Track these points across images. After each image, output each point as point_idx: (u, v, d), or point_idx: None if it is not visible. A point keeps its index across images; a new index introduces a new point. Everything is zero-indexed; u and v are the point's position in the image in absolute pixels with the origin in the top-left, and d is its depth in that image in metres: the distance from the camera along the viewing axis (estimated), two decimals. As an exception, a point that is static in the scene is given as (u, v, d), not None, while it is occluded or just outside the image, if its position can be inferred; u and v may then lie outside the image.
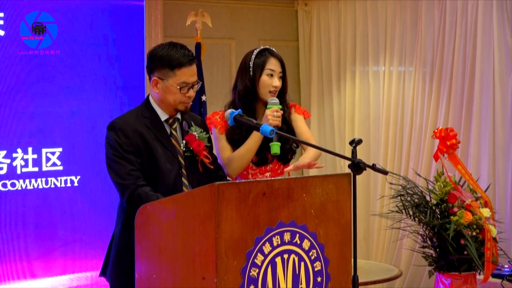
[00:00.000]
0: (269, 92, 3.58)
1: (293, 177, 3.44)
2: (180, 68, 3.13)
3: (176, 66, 3.12)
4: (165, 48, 3.16)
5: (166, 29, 5.72)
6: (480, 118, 5.15)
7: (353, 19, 6.20)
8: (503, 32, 5.04)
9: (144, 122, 3.17)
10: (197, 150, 3.23)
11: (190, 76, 3.16)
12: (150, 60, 3.20)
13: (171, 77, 3.13)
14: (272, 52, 3.63)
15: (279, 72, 3.61)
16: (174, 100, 3.17)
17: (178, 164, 3.19)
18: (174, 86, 3.14)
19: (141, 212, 2.69)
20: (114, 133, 3.11)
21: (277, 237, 2.55)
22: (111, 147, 3.11)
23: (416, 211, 4.22)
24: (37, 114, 4.95)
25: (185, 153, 3.22)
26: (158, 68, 3.16)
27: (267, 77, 3.59)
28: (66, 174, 5.04)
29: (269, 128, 3.06)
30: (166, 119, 3.22)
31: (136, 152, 3.10)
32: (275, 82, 3.58)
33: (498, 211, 4.83)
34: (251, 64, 3.60)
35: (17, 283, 4.88)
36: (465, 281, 4.12)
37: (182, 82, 3.14)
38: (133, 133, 3.11)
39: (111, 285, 3.22)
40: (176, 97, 3.16)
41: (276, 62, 3.61)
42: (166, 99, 3.18)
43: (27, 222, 4.93)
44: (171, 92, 3.15)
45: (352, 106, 6.25)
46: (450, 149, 4.18)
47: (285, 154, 3.61)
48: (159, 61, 3.14)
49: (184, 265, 2.50)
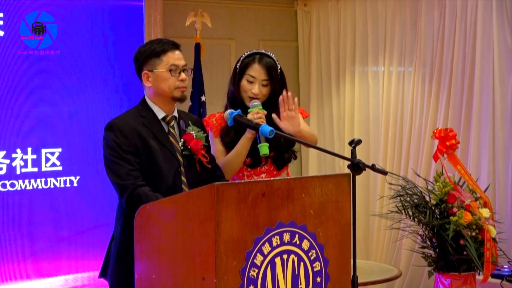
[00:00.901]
0: (248, 97, 3.50)
1: (293, 177, 3.44)
2: (165, 53, 3.18)
3: (160, 52, 3.18)
4: (145, 44, 3.26)
5: (166, 29, 5.72)
6: (480, 118, 5.15)
7: (352, 19, 6.20)
8: (502, 32, 5.04)
9: (141, 121, 3.17)
10: (194, 149, 3.22)
11: (177, 59, 3.20)
12: (135, 60, 3.25)
13: (158, 64, 3.18)
14: (260, 58, 3.52)
15: (262, 79, 3.50)
16: (169, 87, 3.18)
17: (177, 162, 3.19)
18: (165, 71, 3.17)
19: (140, 212, 2.69)
20: (112, 133, 3.11)
21: (277, 238, 2.55)
22: (110, 148, 3.11)
23: (415, 212, 4.22)
24: (37, 114, 4.94)
25: (183, 152, 3.22)
26: (144, 62, 3.20)
27: (246, 82, 3.51)
28: (66, 174, 5.04)
29: (269, 128, 3.06)
30: (164, 117, 3.22)
31: (135, 152, 3.10)
32: (254, 89, 3.48)
33: (498, 211, 4.83)
34: (237, 66, 3.58)
35: (17, 283, 4.87)
36: (464, 282, 4.12)
37: (171, 64, 3.18)
38: (131, 133, 3.11)
39: (112, 285, 3.22)
40: (170, 82, 3.18)
41: (260, 69, 3.49)
42: (160, 89, 3.19)
43: (26, 222, 4.92)
44: (163, 79, 3.18)
45: (351, 106, 6.25)
46: (449, 149, 4.18)
47: (280, 158, 3.58)
48: (143, 55, 3.21)
49: (184, 265, 2.51)
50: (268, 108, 3.49)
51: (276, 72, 3.53)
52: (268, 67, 3.51)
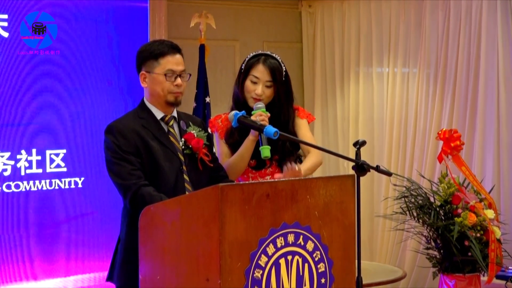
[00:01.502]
0: (251, 98, 3.51)
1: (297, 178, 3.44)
2: (164, 56, 3.18)
3: (159, 55, 3.18)
4: (146, 44, 3.27)
5: (170, 30, 5.72)
6: (484, 119, 5.14)
7: (357, 20, 6.20)
8: (507, 33, 5.04)
9: (140, 122, 3.18)
10: (196, 148, 3.22)
11: (175, 64, 3.19)
12: (136, 59, 3.26)
13: (156, 67, 3.18)
14: (264, 59, 3.53)
15: (266, 80, 3.50)
16: (162, 89, 3.18)
17: (178, 161, 3.19)
18: (160, 75, 3.16)
19: (144, 213, 2.69)
20: (111, 135, 3.12)
21: (281, 239, 2.55)
22: (110, 150, 3.11)
23: (420, 213, 4.21)
24: (42, 115, 4.95)
25: (184, 151, 3.22)
26: (143, 62, 3.21)
27: (250, 83, 3.52)
28: (70, 175, 5.05)
29: (273, 130, 3.06)
30: (162, 117, 3.23)
31: (135, 152, 3.10)
32: (257, 90, 3.49)
33: (503, 212, 4.82)
34: (242, 67, 3.58)
35: (21, 284, 4.88)
36: (469, 283, 4.11)
37: (168, 69, 3.17)
38: (131, 134, 3.12)
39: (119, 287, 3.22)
40: (164, 86, 3.18)
41: (264, 70, 3.50)
42: (154, 91, 3.20)
43: (30, 223, 4.93)
44: (158, 82, 3.18)
45: (356, 107, 6.25)
46: (454, 150, 4.18)
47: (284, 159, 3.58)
48: (143, 55, 3.21)
49: (188, 266, 2.50)
50: (271, 110, 3.49)
51: (280, 74, 3.53)
52: (272, 69, 3.51)
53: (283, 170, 3.39)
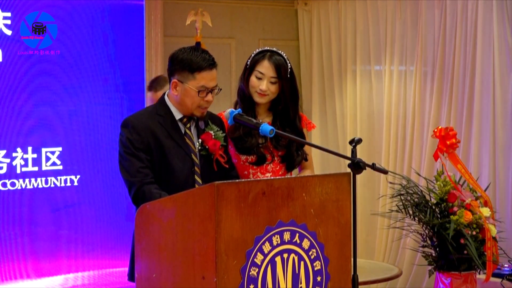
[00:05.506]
0: (256, 93, 3.52)
1: (293, 176, 3.44)
2: (200, 71, 3.13)
3: (196, 69, 3.13)
4: (186, 51, 3.17)
5: (166, 28, 5.72)
6: (480, 117, 5.15)
7: (353, 18, 6.20)
8: (503, 32, 5.04)
9: (157, 120, 3.19)
10: (212, 149, 3.23)
11: (209, 81, 3.16)
12: (171, 63, 3.21)
13: (190, 80, 3.14)
14: (270, 55, 3.54)
15: (271, 76, 3.50)
16: (192, 104, 3.17)
17: (191, 162, 3.19)
18: (193, 90, 3.14)
19: (140, 211, 2.69)
20: (127, 130, 3.14)
21: (277, 237, 2.55)
22: (123, 144, 3.14)
23: (415, 211, 4.21)
24: (37, 113, 4.95)
25: (200, 152, 3.23)
26: (178, 70, 3.16)
27: (255, 78, 3.52)
28: (66, 173, 5.04)
29: (269, 127, 3.06)
30: (181, 118, 3.23)
31: (146, 149, 3.11)
32: (262, 85, 3.49)
33: (498, 210, 4.82)
34: (248, 62, 3.60)
35: (17, 282, 4.88)
36: (465, 281, 4.11)
37: (201, 86, 3.14)
38: (144, 131, 3.13)
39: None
40: (194, 100, 3.16)
41: (269, 66, 3.50)
42: (184, 102, 3.18)
43: (26, 221, 4.93)
44: (189, 95, 3.16)
45: (353, 105, 6.25)
46: (450, 148, 4.18)
47: (291, 159, 3.58)
48: (180, 64, 3.15)
49: (184, 264, 2.50)
50: (276, 106, 3.54)
51: (285, 71, 3.53)
52: (277, 65, 3.52)
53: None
